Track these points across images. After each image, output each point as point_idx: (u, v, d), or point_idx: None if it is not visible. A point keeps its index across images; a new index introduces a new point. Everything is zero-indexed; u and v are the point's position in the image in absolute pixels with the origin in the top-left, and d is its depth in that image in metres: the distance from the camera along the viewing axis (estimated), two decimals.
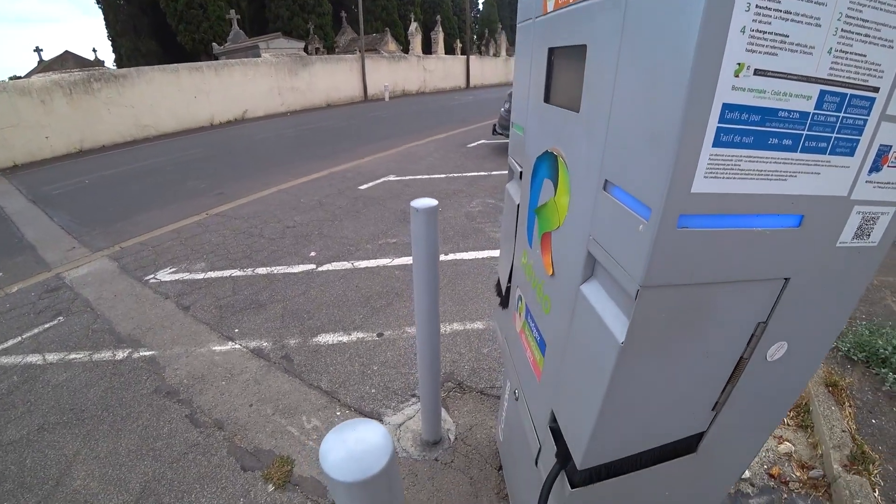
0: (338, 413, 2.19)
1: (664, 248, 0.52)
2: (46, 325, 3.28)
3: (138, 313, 3.32)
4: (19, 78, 18.66)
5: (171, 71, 14.03)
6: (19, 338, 3.14)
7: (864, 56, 0.46)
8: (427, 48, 29.86)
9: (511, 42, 42.62)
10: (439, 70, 27.41)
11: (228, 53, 18.76)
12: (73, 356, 2.87)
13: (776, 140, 0.48)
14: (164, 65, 14.14)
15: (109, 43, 26.42)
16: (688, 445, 0.79)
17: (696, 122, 0.46)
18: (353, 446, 0.66)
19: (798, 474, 1.91)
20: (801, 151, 0.50)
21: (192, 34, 23.22)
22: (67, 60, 14.95)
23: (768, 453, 1.99)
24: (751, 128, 0.47)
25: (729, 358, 0.67)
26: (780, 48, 0.43)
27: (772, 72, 0.44)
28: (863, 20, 0.44)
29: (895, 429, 2.02)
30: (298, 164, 7.83)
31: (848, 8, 0.43)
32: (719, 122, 0.46)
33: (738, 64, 0.43)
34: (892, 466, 1.85)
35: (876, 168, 0.53)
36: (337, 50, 25.82)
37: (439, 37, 28.98)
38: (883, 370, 2.34)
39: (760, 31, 0.42)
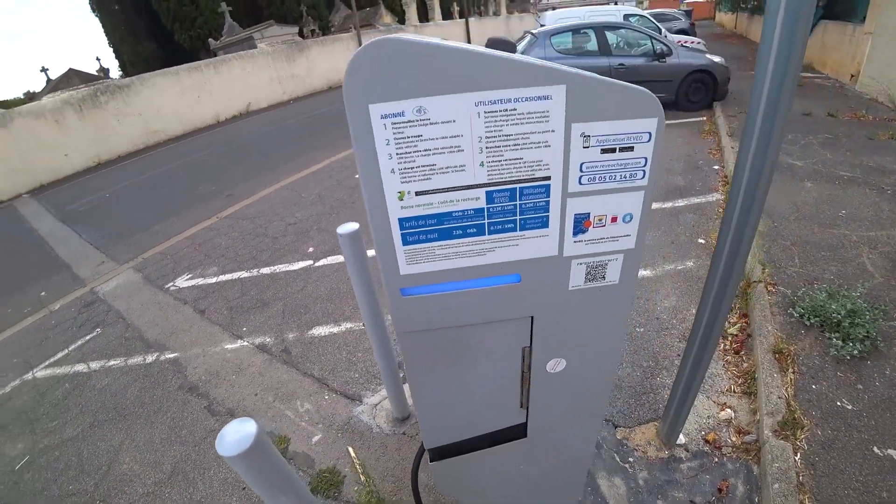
0: (326, 397, 2.60)
1: (400, 308, 0.81)
2: (87, 337, 3.76)
3: (162, 320, 3.77)
4: (35, 93, 19.27)
5: (171, 74, 14.34)
6: (66, 350, 3.63)
7: (521, 158, 0.67)
8: (423, 16, 29.21)
9: None
10: (439, 37, 26.88)
11: (225, 47, 18.91)
12: (111, 363, 3.34)
13: (461, 231, 0.73)
14: (164, 69, 14.45)
15: (111, 50, 26.78)
16: (517, 432, 1.09)
17: (384, 231, 0.72)
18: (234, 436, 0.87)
19: (734, 440, 2.01)
20: (489, 234, 0.74)
21: (187, 32, 23.37)
22: (72, 77, 15.39)
23: (709, 420, 2.13)
24: (431, 228, 0.72)
25: (512, 371, 0.95)
26: (432, 175, 0.67)
27: (431, 190, 0.69)
28: (505, 135, 0.65)
29: (834, 394, 2.09)
30: (300, 157, 8.18)
31: (486, 132, 0.63)
32: (401, 230, 0.72)
33: (399, 192, 0.68)
34: (822, 431, 1.92)
35: (581, 230, 0.79)
36: (332, 29, 25.58)
37: (435, 2, 28.29)
38: (834, 335, 2.35)
39: (408, 168, 0.66)
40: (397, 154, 0.66)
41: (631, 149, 0.69)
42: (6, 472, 2.52)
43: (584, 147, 0.68)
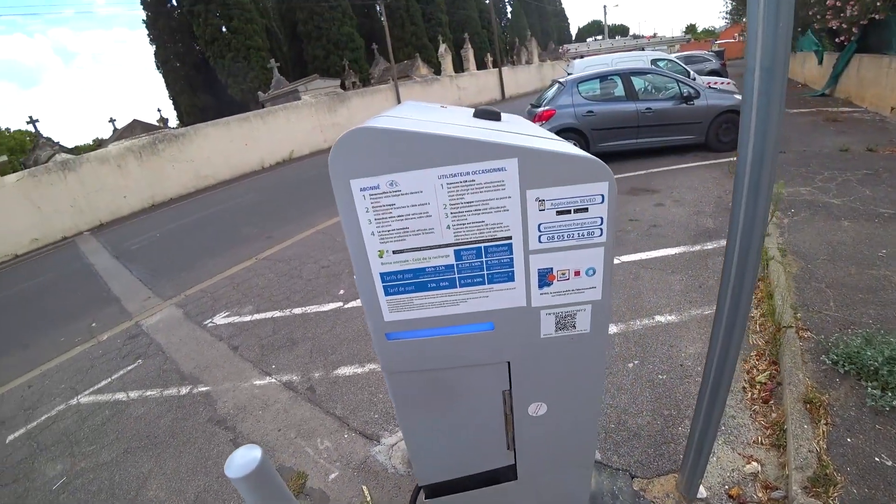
0: (345, 436, 2.66)
1: (385, 351, 0.90)
2: (129, 368, 4.01)
3: (198, 354, 3.98)
4: (103, 140, 21.16)
5: (222, 124, 15.48)
6: (109, 379, 3.89)
7: (483, 221, 0.78)
8: (459, 66, 30.53)
9: (543, 47, 42.59)
10: (472, 86, 27.99)
11: (272, 99, 20.30)
12: (149, 393, 3.54)
13: (434, 284, 0.83)
14: (216, 119, 15.64)
15: (171, 102, 29.17)
16: (507, 474, 1.13)
17: (368, 283, 0.82)
18: (241, 460, 0.99)
19: (760, 495, 1.91)
20: (461, 286, 0.84)
21: (239, 86, 25.30)
22: (136, 127, 16.90)
23: (733, 473, 2.02)
24: (409, 281, 0.82)
25: (496, 413, 1.01)
26: (406, 236, 0.78)
27: (406, 249, 0.80)
28: (467, 202, 0.76)
29: (871, 449, 1.96)
30: (335, 203, 8.56)
31: (449, 200, 0.74)
32: (382, 283, 0.82)
33: (379, 251, 0.80)
34: (857, 490, 1.79)
35: (546, 284, 0.88)
36: (372, 81, 27.09)
37: (469, 53, 29.62)
38: (871, 384, 2.20)
39: (385, 231, 0.77)
40: (375, 219, 0.77)
41: (585, 210, 0.77)
42: (44, 493, 2.71)
43: (540, 210, 0.77)
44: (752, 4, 0.86)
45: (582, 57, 15.58)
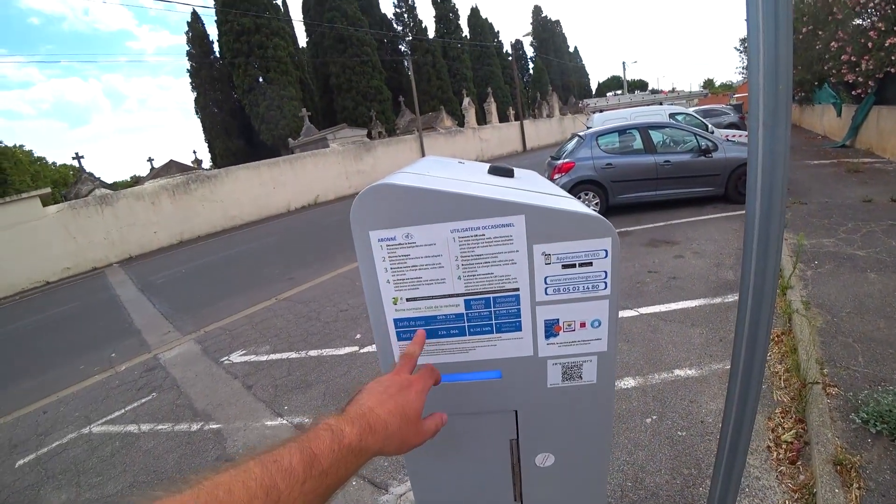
0: (353, 483, 2.61)
1: None
2: (143, 400, 4.06)
3: (212, 391, 4.01)
4: (140, 178, 22.29)
5: (253, 168, 16.19)
6: (123, 410, 3.95)
7: (492, 273, 0.82)
8: (481, 119, 31.59)
9: (564, 101, 43.93)
10: (494, 138, 28.80)
11: (302, 146, 21.25)
12: (160, 427, 3.56)
13: (445, 331, 0.87)
14: (248, 163, 16.39)
15: (206, 145, 30.76)
16: None
17: (383, 328, 0.86)
18: None
19: None
20: (470, 335, 0.87)
21: (271, 132, 26.60)
22: (171, 167, 17.85)
23: None
24: (421, 327, 0.85)
25: (502, 462, 1.01)
26: (420, 284, 0.83)
27: (419, 297, 0.84)
28: (477, 255, 0.80)
29: None
30: None
31: (460, 253, 0.79)
32: (395, 328, 0.86)
33: (394, 298, 0.84)
34: None
35: (553, 334, 0.91)
36: (397, 131, 28.21)
37: (492, 107, 30.71)
38: None
39: (400, 279, 0.82)
40: (391, 268, 0.83)
41: (590, 264, 0.82)
42: None
43: (546, 263, 0.81)
44: (752, 66, 0.92)
45: (601, 111, 16.02)
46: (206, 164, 28.82)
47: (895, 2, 9.03)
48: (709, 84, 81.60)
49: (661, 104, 23.65)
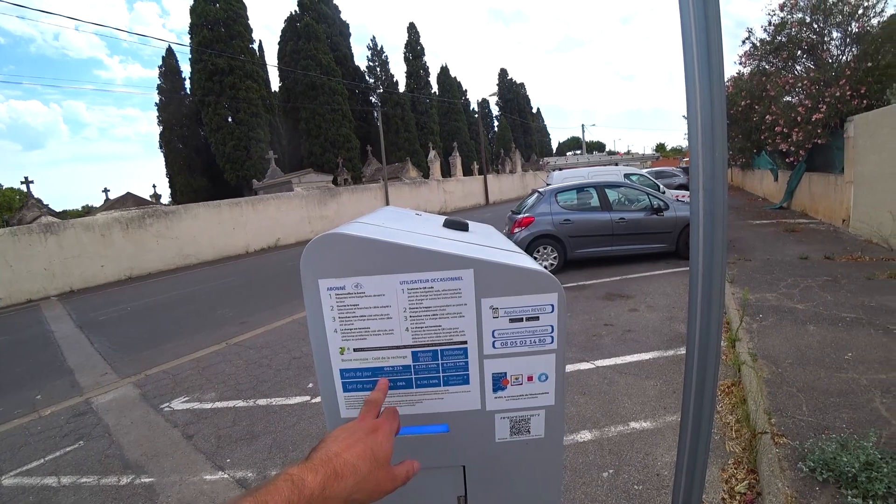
0: None
1: None
2: (67, 449, 3.69)
3: (148, 440, 3.71)
4: (92, 208, 21.33)
5: (213, 206, 15.86)
6: (42, 460, 3.57)
7: (440, 325, 0.82)
8: (446, 172, 32.45)
9: (526, 158, 45.91)
10: (458, 191, 29.53)
11: (266, 188, 21.08)
12: (83, 480, 3.23)
13: (392, 383, 0.85)
14: (209, 201, 16.06)
15: (167, 180, 30.08)
16: None
17: (328, 379, 0.84)
18: None
19: None
20: (417, 387, 0.86)
21: (236, 172, 26.39)
22: (128, 200, 17.22)
23: None
24: (367, 379, 0.84)
25: None
26: (367, 335, 0.82)
27: (367, 348, 0.83)
28: (426, 307, 0.81)
29: None
30: None
31: (409, 304, 0.80)
32: (342, 379, 0.84)
33: (341, 348, 0.83)
34: None
35: (500, 388, 0.90)
36: (363, 179, 28.54)
37: (457, 160, 31.69)
38: (851, 492, 2.14)
39: (348, 329, 0.81)
40: (339, 317, 0.82)
41: (537, 318, 0.83)
42: None
43: (493, 317, 0.83)
44: (692, 136, 1.00)
45: (561, 169, 16.89)
46: (166, 199, 28.05)
47: (818, 83, 10.14)
48: (660, 148, 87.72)
49: (616, 165, 25.15)
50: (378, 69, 37.09)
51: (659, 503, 2.48)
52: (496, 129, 53.51)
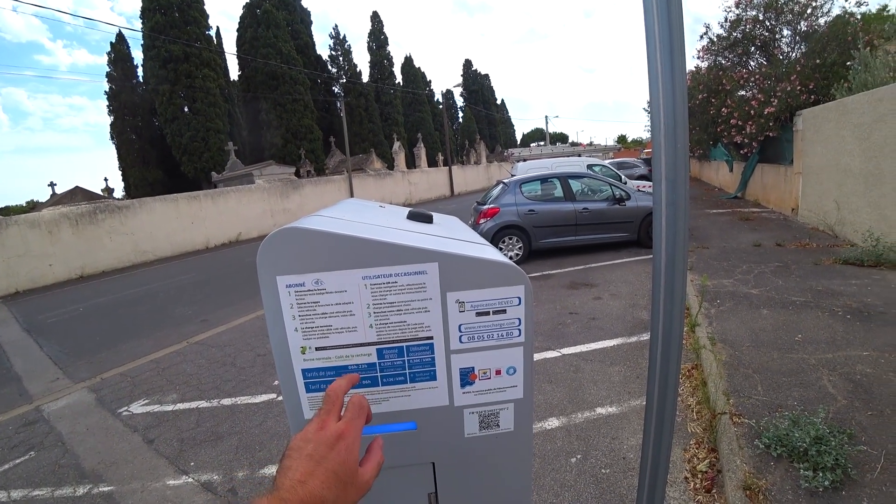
0: None
1: None
2: (17, 461, 3.48)
3: (105, 447, 3.54)
4: (38, 203, 20.04)
5: (170, 200, 15.20)
6: None
7: (405, 321, 0.80)
8: (411, 163, 32.22)
9: (491, 150, 46.10)
10: (423, 182, 29.38)
11: (226, 181, 20.39)
12: (36, 493, 3.05)
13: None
14: (165, 195, 15.39)
15: (120, 173, 28.60)
16: None
17: (290, 380, 0.82)
18: None
19: None
20: (383, 385, 0.84)
21: (194, 164, 25.36)
22: (77, 194, 16.26)
23: None
24: (331, 378, 0.81)
25: None
26: (330, 333, 0.79)
27: (329, 347, 0.80)
28: (390, 303, 0.78)
29: None
30: None
31: (372, 300, 0.77)
32: (304, 379, 0.81)
33: (302, 347, 0.80)
34: None
35: (468, 383, 0.89)
36: (327, 171, 27.97)
37: (422, 152, 31.51)
38: (802, 465, 2.27)
39: (309, 328, 0.78)
40: (299, 315, 0.78)
41: (504, 311, 0.82)
42: None
43: (460, 311, 0.81)
44: (654, 128, 1.00)
45: (525, 160, 17.05)
46: (119, 193, 26.72)
47: (770, 78, 10.58)
48: (622, 139, 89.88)
49: (579, 156, 25.62)
50: (341, 58, 36.28)
51: (626, 486, 2.55)
52: (461, 120, 53.44)
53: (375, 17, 38.21)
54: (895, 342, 3.54)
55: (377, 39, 38.03)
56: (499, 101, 64.16)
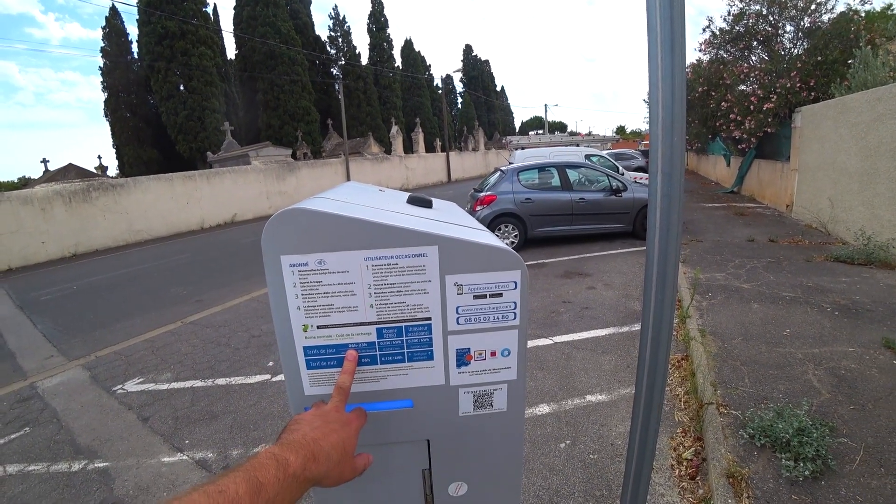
0: None
1: None
2: (12, 436, 3.51)
3: (100, 424, 3.57)
4: (31, 180, 19.78)
5: (165, 179, 15.07)
6: None
7: (405, 302, 0.82)
8: (409, 148, 31.98)
9: (489, 137, 45.84)
10: (420, 167, 29.23)
11: (221, 161, 20.18)
12: (31, 468, 3.08)
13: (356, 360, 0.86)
14: (160, 174, 15.24)
15: (114, 151, 28.23)
16: None
17: (291, 356, 0.84)
18: None
19: None
20: (381, 363, 0.86)
21: (189, 144, 25.05)
22: (70, 171, 16.07)
23: None
24: (331, 356, 0.84)
25: (415, 493, 1.00)
26: (331, 312, 0.81)
27: (331, 325, 0.82)
28: (390, 284, 0.81)
29: None
30: None
31: (373, 281, 0.79)
32: (305, 356, 0.84)
33: (304, 325, 0.82)
34: None
35: (464, 363, 0.92)
36: (323, 154, 27.72)
37: (420, 137, 31.27)
38: (784, 456, 2.34)
39: (311, 307, 0.80)
40: (302, 294, 0.80)
41: (500, 294, 0.85)
42: None
43: (458, 294, 0.83)
44: (652, 121, 1.02)
45: (523, 148, 16.99)
46: (113, 171, 26.38)
47: (770, 74, 10.57)
48: (621, 130, 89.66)
49: (578, 146, 25.54)
50: (340, 40, 35.77)
51: (613, 471, 2.62)
52: (460, 105, 52.96)
53: None
54: (880, 339, 3.61)
55: (377, 21, 37.47)
56: (498, 88, 63.68)
